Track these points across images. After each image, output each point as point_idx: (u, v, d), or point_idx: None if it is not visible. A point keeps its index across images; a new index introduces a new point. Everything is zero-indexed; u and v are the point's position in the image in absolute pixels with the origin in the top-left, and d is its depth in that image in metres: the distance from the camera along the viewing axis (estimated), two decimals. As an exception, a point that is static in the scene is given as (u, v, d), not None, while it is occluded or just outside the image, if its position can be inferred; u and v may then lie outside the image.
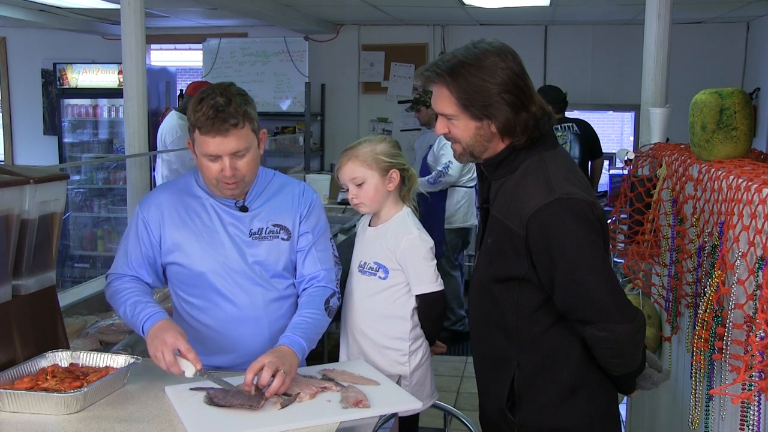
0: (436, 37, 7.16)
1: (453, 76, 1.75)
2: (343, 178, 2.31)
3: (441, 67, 1.77)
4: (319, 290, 2.17)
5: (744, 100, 2.14)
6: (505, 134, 1.77)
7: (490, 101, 1.73)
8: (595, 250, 1.70)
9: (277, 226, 2.17)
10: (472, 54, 1.75)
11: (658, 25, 3.24)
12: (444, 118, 1.81)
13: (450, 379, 4.78)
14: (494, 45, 1.78)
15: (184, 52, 8.19)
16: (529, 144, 1.78)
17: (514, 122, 1.75)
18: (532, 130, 1.77)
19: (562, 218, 1.68)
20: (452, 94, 1.76)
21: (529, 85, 1.79)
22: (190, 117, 2.01)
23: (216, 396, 1.84)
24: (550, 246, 1.68)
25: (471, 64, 1.74)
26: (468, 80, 1.73)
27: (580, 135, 5.49)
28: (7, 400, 1.77)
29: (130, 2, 3.51)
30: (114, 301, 2.14)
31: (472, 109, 1.75)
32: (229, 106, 1.95)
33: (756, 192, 1.65)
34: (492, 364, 1.91)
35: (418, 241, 2.24)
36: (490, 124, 1.76)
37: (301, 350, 1.99)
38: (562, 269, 1.68)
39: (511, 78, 1.74)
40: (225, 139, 1.96)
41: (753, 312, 1.60)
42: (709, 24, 6.60)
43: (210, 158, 2.00)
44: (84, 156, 7.32)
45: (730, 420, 1.80)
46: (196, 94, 2.02)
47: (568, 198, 1.69)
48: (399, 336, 2.27)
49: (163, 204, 2.15)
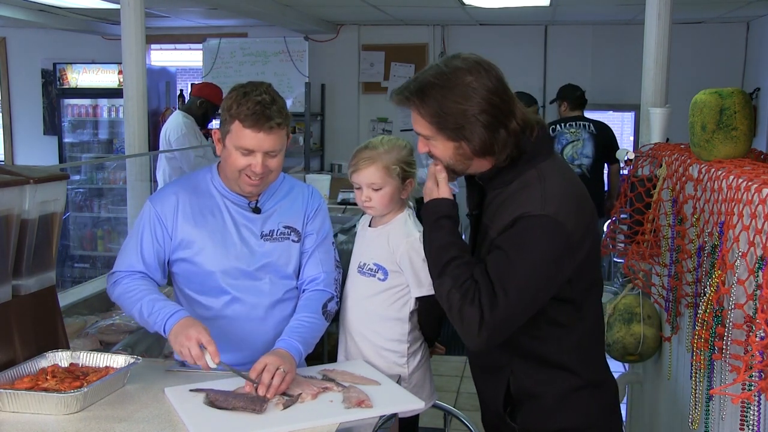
0: (436, 37, 7.16)
1: (422, 98, 1.70)
2: (359, 180, 2.23)
3: (410, 89, 1.72)
4: (317, 294, 2.18)
5: (744, 100, 2.15)
6: (483, 154, 1.72)
7: (463, 123, 1.68)
8: (549, 269, 1.66)
9: (288, 227, 2.18)
10: (441, 74, 1.69)
11: (658, 25, 3.24)
12: (422, 138, 1.77)
13: (450, 379, 4.78)
14: (467, 61, 1.70)
15: (184, 52, 8.19)
16: (520, 155, 1.73)
17: (490, 142, 1.69)
18: (511, 147, 1.71)
19: (540, 231, 1.65)
20: (424, 118, 1.72)
21: (508, 98, 1.71)
22: (230, 108, 1.99)
23: (217, 399, 1.83)
24: (514, 242, 1.66)
25: (441, 86, 1.68)
26: (439, 102, 1.68)
27: (596, 135, 5.43)
28: (7, 400, 1.77)
29: (130, 2, 3.51)
30: (123, 299, 2.11)
31: (446, 131, 1.70)
32: (274, 105, 1.98)
33: (756, 192, 1.65)
34: (486, 371, 1.91)
35: (419, 243, 2.23)
36: (466, 145, 1.71)
37: (298, 353, 2.00)
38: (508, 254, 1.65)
39: (486, 97, 1.67)
40: (266, 137, 1.98)
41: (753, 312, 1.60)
42: (709, 24, 6.60)
43: (244, 152, 2.01)
44: (84, 156, 7.32)
45: (730, 420, 1.80)
46: (238, 88, 2.02)
47: (554, 219, 1.65)
48: (397, 338, 2.27)
49: (177, 199, 2.14)
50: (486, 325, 1.63)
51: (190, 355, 1.89)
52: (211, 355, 1.89)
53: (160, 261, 2.15)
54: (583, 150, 5.42)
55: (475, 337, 1.65)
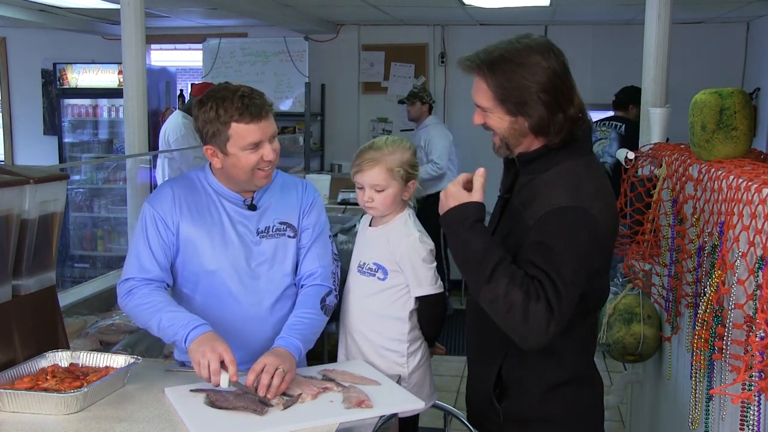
0: (436, 37, 7.15)
1: (492, 69, 1.74)
2: (362, 180, 2.24)
3: (481, 58, 1.76)
4: (315, 289, 2.17)
5: (744, 100, 2.15)
6: (538, 133, 1.76)
7: (525, 99, 1.72)
8: (589, 257, 1.68)
9: (284, 223, 2.18)
10: (514, 49, 1.74)
11: (658, 25, 3.24)
12: (480, 109, 1.81)
13: (450, 379, 4.78)
14: (538, 42, 1.76)
15: (184, 52, 8.18)
16: (564, 146, 1.77)
17: (548, 122, 1.73)
18: (566, 132, 1.76)
19: (573, 224, 1.67)
20: (489, 88, 1.75)
21: (570, 85, 1.78)
22: (216, 118, 2.00)
23: (217, 399, 1.83)
24: (546, 237, 1.67)
25: (511, 60, 1.72)
26: (506, 76, 1.72)
27: (624, 137, 5.43)
28: (7, 400, 1.77)
29: (130, 2, 3.51)
30: (139, 311, 2.06)
31: (507, 104, 1.75)
32: (253, 93, 2.03)
33: (756, 192, 1.65)
34: (483, 351, 1.92)
35: (419, 243, 2.24)
36: (523, 121, 1.75)
37: (298, 351, 1.99)
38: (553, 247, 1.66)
39: (551, 78, 1.72)
40: (266, 123, 2.03)
41: (753, 312, 1.60)
42: (709, 24, 6.59)
43: (251, 148, 2.02)
44: (84, 156, 7.31)
45: (730, 420, 1.80)
46: (208, 101, 2.02)
47: (589, 212, 1.68)
48: (397, 337, 2.27)
49: (174, 197, 2.13)
50: (555, 319, 1.63)
51: (208, 368, 1.86)
52: (231, 376, 1.86)
53: (170, 260, 2.14)
54: (608, 149, 5.45)
55: (543, 333, 1.63)
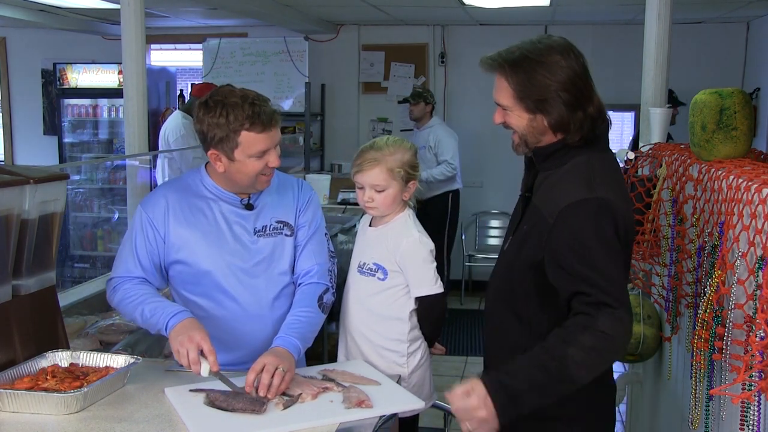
0: (436, 37, 7.15)
1: (513, 68, 1.77)
2: (363, 180, 2.25)
3: (504, 57, 1.80)
4: (312, 287, 2.17)
5: (744, 100, 2.15)
6: (558, 130, 1.79)
7: (545, 97, 1.76)
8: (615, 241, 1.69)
9: (281, 222, 2.18)
10: (535, 49, 1.78)
11: (658, 25, 3.24)
12: (500, 108, 1.84)
13: (450, 379, 4.78)
14: (559, 42, 1.80)
15: (184, 52, 8.17)
16: (581, 143, 1.80)
17: (567, 120, 1.77)
18: (586, 130, 1.78)
19: (593, 216, 1.69)
20: (510, 86, 1.79)
21: (590, 85, 1.82)
22: (227, 124, 1.98)
23: (217, 399, 1.83)
24: (573, 236, 1.69)
25: (532, 59, 1.76)
26: (528, 74, 1.76)
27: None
28: (7, 400, 1.77)
29: (130, 2, 3.51)
30: (124, 305, 2.10)
31: (526, 101, 1.78)
32: (262, 101, 2.02)
33: (756, 192, 1.65)
34: (501, 348, 1.92)
35: (419, 243, 2.24)
36: (542, 119, 1.78)
37: (297, 350, 1.99)
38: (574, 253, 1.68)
39: (571, 77, 1.76)
40: (275, 132, 2.05)
41: (753, 312, 1.60)
42: (709, 24, 6.59)
43: (258, 156, 2.02)
44: (84, 156, 7.31)
45: (730, 420, 1.80)
46: (215, 100, 2.00)
47: (605, 201, 1.70)
48: (397, 337, 2.27)
49: (167, 202, 2.14)
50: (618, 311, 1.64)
51: (187, 358, 1.89)
52: (211, 365, 1.88)
53: (156, 264, 2.15)
54: None
55: (624, 328, 1.66)
